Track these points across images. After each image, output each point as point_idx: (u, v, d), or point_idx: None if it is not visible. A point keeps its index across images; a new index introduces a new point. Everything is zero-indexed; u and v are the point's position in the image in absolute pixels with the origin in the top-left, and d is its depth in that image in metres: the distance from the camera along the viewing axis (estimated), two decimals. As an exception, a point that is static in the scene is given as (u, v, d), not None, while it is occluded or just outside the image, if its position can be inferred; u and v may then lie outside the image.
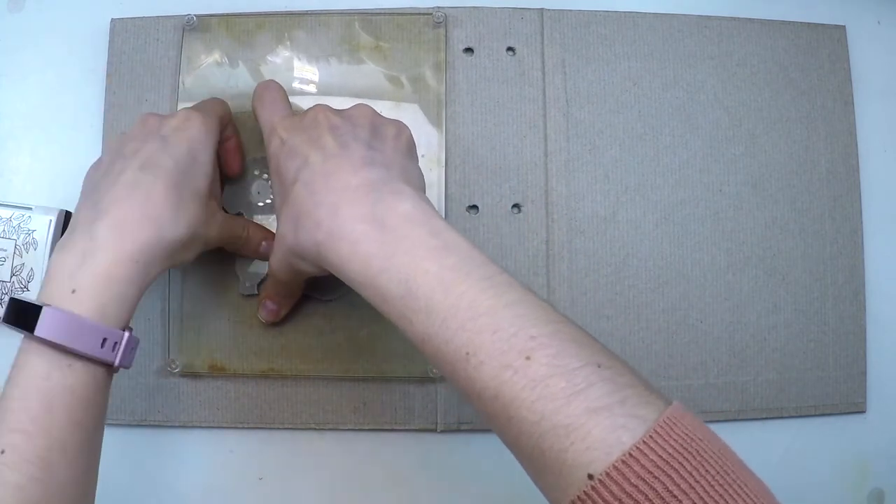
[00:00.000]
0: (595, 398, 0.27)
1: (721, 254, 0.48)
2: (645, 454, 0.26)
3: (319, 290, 0.45)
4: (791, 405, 0.48)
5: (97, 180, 0.37)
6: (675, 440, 0.26)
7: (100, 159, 0.39)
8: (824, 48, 0.50)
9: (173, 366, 0.45)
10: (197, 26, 0.47)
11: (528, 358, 0.28)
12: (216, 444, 0.46)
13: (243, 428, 0.46)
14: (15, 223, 0.45)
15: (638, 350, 0.47)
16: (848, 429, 0.49)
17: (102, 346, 0.33)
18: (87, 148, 0.48)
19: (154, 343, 0.46)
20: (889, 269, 0.50)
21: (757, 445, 0.28)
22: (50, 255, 0.45)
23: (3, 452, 0.31)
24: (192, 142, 0.38)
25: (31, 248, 0.45)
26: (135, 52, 0.48)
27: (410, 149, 0.38)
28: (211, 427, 0.46)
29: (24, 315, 0.33)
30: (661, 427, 0.26)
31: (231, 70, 0.47)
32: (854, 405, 0.48)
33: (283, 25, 0.48)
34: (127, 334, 0.35)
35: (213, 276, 0.46)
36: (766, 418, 0.48)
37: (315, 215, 0.34)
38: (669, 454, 0.26)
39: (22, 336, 0.34)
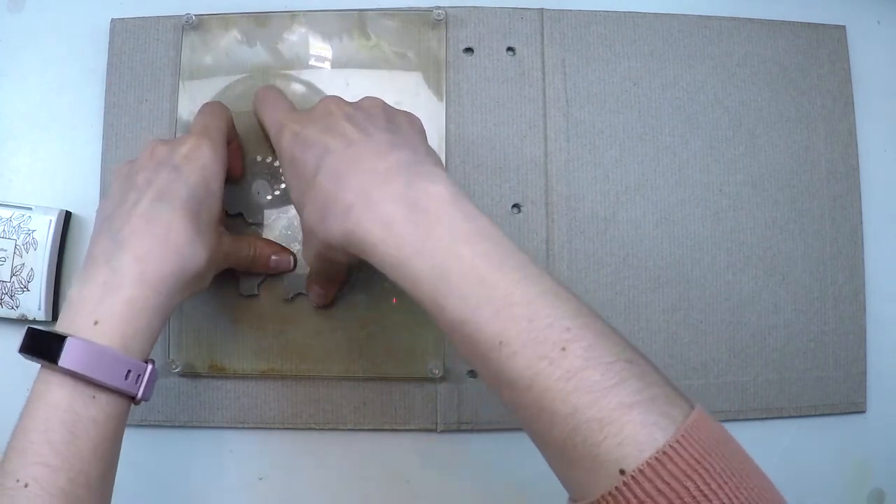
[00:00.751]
0: (628, 394, 0.27)
1: (721, 254, 0.48)
2: (678, 453, 0.26)
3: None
4: (791, 405, 0.48)
5: (111, 212, 0.37)
6: (704, 441, 0.26)
7: (109, 192, 0.39)
8: (824, 48, 0.50)
9: (173, 366, 0.45)
10: (197, 26, 0.47)
11: (563, 349, 0.28)
12: (216, 444, 0.46)
13: (243, 428, 0.46)
14: (15, 223, 0.45)
15: (638, 350, 0.47)
16: (848, 429, 0.49)
17: (126, 377, 0.33)
18: (87, 148, 0.48)
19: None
20: (889, 269, 0.50)
21: (757, 445, 0.28)
22: (48, 259, 0.45)
23: (26, 486, 0.31)
24: (204, 170, 0.38)
25: (31, 248, 0.45)
26: (135, 52, 0.48)
27: (424, 135, 0.38)
28: (211, 427, 0.46)
29: (45, 345, 0.32)
30: (692, 427, 0.27)
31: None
32: (854, 405, 0.48)
33: (283, 25, 0.48)
34: (150, 367, 0.35)
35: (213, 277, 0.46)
36: (766, 418, 0.48)
37: (343, 201, 0.33)
38: (701, 454, 0.26)
39: (40, 367, 0.33)
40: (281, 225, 0.46)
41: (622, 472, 0.26)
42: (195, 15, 0.47)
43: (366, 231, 0.32)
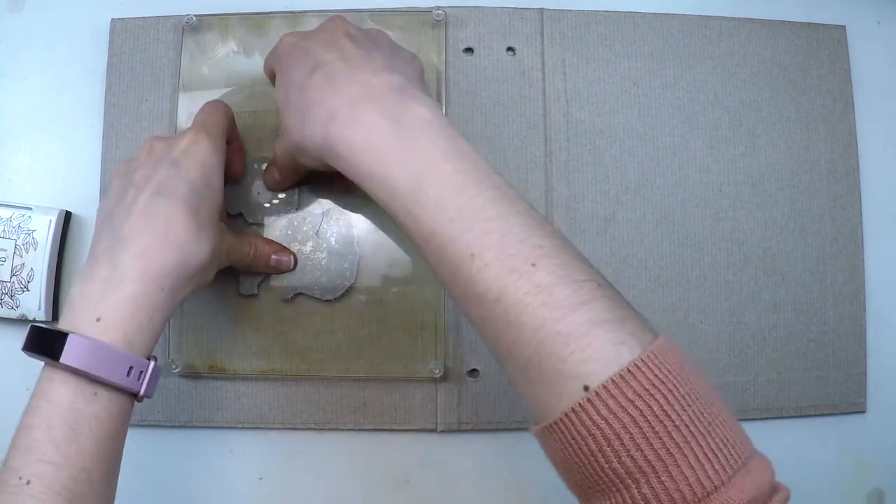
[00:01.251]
0: (597, 312, 0.27)
1: (721, 254, 0.48)
2: (643, 372, 0.26)
3: (320, 290, 0.45)
4: (791, 405, 0.48)
5: (110, 209, 0.37)
6: (670, 364, 0.27)
7: (109, 190, 0.39)
8: (824, 48, 0.50)
9: (173, 366, 0.45)
10: (196, 26, 0.47)
11: (533, 265, 0.28)
12: (216, 444, 0.46)
13: (243, 428, 0.46)
14: (15, 223, 0.45)
15: (638, 350, 0.47)
16: (848, 429, 0.49)
17: (128, 374, 0.33)
18: (87, 148, 0.48)
19: (154, 343, 0.46)
20: (889, 269, 0.50)
21: (757, 445, 0.28)
22: (48, 259, 0.45)
23: (29, 483, 0.31)
24: (203, 165, 0.38)
25: (31, 248, 0.45)
26: (135, 52, 0.48)
27: (422, 73, 0.39)
28: (211, 427, 0.46)
29: (48, 342, 0.32)
30: (658, 349, 0.27)
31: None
32: (854, 405, 0.48)
33: (282, 25, 0.48)
34: (153, 363, 0.35)
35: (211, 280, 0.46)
36: (766, 418, 0.48)
37: (330, 105, 0.33)
38: (665, 375, 0.26)
39: (43, 364, 0.33)
40: (281, 225, 0.46)
41: (586, 388, 0.26)
42: (195, 15, 0.47)
43: (347, 138, 0.33)
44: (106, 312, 0.33)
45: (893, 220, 0.50)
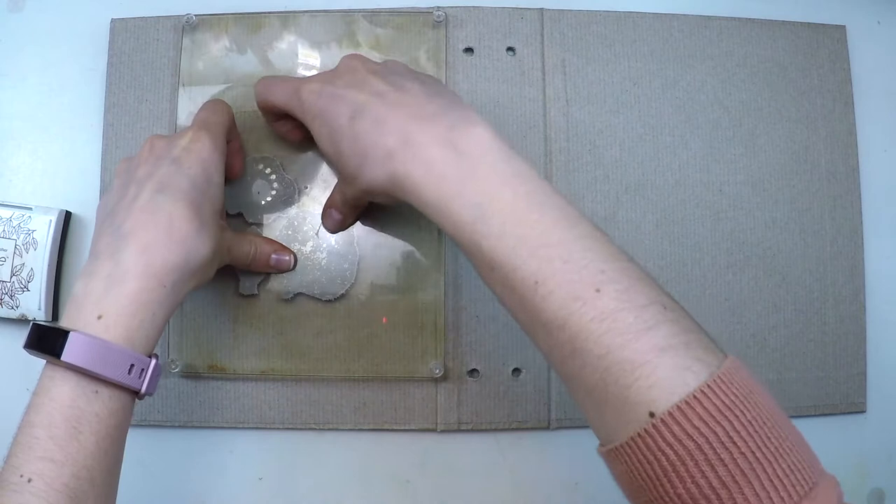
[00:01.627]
0: (662, 337, 0.27)
1: (721, 254, 0.48)
2: (708, 398, 0.26)
3: (320, 290, 0.45)
4: (791, 405, 0.48)
5: (112, 206, 0.37)
6: (737, 388, 0.26)
7: (109, 188, 0.39)
8: (824, 48, 0.50)
9: (173, 366, 0.45)
10: (197, 26, 0.47)
11: (597, 290, 0.28)
12: (216, 444, 0.46)
13: (243, 428, 0.46)
14: (15, 223, 0.45)
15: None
16: (848, 429, 0.49)
17: (130, 372, 0.33)
18: (87, 148, 0.48)
19: (154, 343, 0.46)
20: (889, 269, 0.50)
21: (757, 445, 0.29)
22: (48, 259, 0.45)
23: (30, 481, 0.30)
24: (204, 162, 0.38)
25: (31, 248, 0.45)
26: (135, 52, 0.48)
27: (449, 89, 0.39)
28: (211, 427, 0.46)
29: (49, 340, 0.32)
30: (724, 374, 0.27)
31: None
32: (854, 405, 0.48)
33: (273, 34, 0.48)
34: (154, 361, 0.35)
35: (212, 277, 0.46)
36: (766, 418, 0.48)
37: (385, 146, 0.34)
38: (731, 400, 0.26)
39: (44, 362, 0.33)
40: (281, 225, 0.46)
41: (651, 414, 0.26)
42: (195, 15, 0.47)
43: (409, 173, 0.33)
44: (107, 309, 0.33)
45: (893, 220, 0.50)
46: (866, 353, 0.49)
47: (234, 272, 0.45)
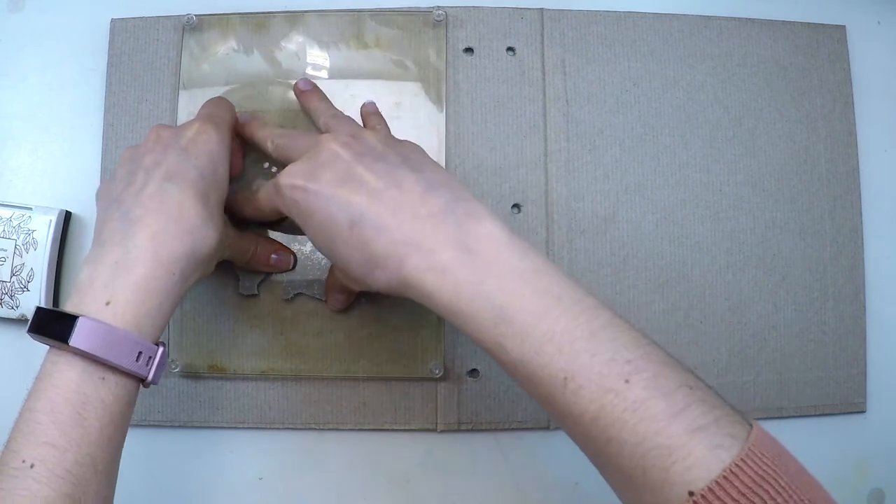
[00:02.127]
0: (693, 419, 0.28)
1: (721, 254, 0.48)
2: (743, 471, 0.26)
3: (320, 290, 0.45)
4: (791, 405, 0.48)
5: (119, 192, 0.36)
6: (768, 458, 0.27)
7: (114, 175, 0.39)
8: (824, 48, 0.50)
9: (173, 366, 0.45)
10: (197, 26, 0.47)
11: (627, 381, 0.28)
12: (216, 444, 0.46)
13: (243, 428, 0.46)
14: (15, 223, 0.45)
15: (638, 350, 0.47)
16: (848, 429, 0.49)
17: (138, 359, 0.33)
18: (87, 148, 0.48)
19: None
20: (889, 269, 0.50)
21: (757, 445, 0.29)
22: (48, 259, 0.45)
23: (32, 466, 0.30)
24: (211, 154, 0.38)
25: (31, 248, 0.45)
26: (135, 52, 0.48)
27: (433, 160, 0.37)
28: (211, 427, 0.46)
29: (56, 325, 0.32)
30: (754, 445, 0.27)
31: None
32: (854, 405, 0.48)
33: (280, 33, 0.47)
34: (161, 349, 0.35)
35: (212, 276, 0.46)
36: (766, 418, 0.48)
37: (394, 254, 0.32)
38: (765, 471, 0.27)
39: (48, 347, 0.33)
40: (281, 225, 0.46)
41: (691, 493, 0.26)
42: (196, 15, 0.47)
43: (422, 280, 0.32)
44: (116, 296, 0.33)
45: (893, 220, 0.50)
46: (866, 353, 0.49)
47: (233, 272, 0.45)
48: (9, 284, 0.45)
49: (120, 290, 0.33)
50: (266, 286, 0.46)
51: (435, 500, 0.47)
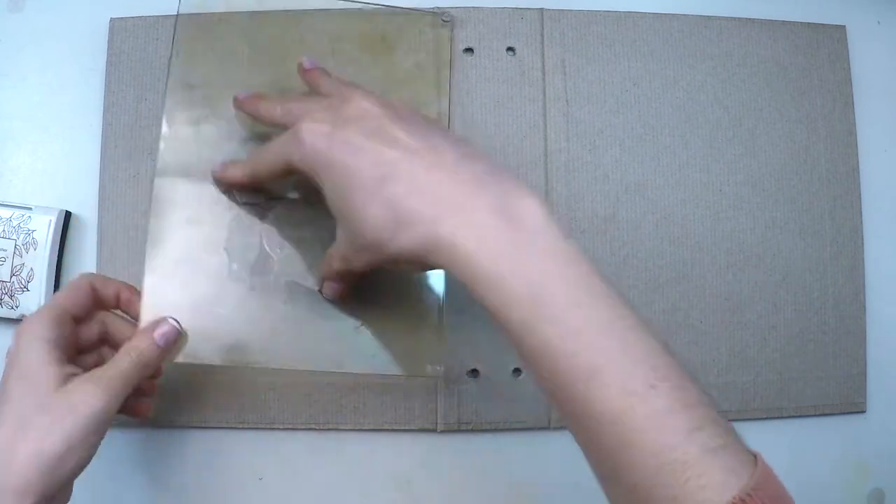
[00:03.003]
0: (709, 438, 0.27)
1: (721, 254, 0.48)
2: (753, 499, 0.26)
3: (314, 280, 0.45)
4: (791, 405, 0.48)
5: None
6: (772, 488, 0.27)
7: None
8: (824, 48, 0.50)
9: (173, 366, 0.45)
10: (199, 26, 0.47)
11: (652, 387, 0.27)
12: (216, 444, 0.46)
13: (243, 428, 0.46)
14: (15, 223, 0.45)
15: (638, 350, 0.47)
16: (848, 429, 0.49)
17: None
18: (87, 148, 0.48)
19: (154, 343, 0.46)
20: (889, 269, 0.50)
21: (757, 445, 0.28)
22: (48, 259, 0.45)
23: None
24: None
25: (31, 248, 0.45)
26: (134, 52, 0.48)
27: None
28: (211, 427, 0.46)
29: None
30: (763, 475, 0.27)
31: (246, 57, 0.47)
32: (854, 405, 0.48)
33: (283, 25, 0.47)
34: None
35: (213, 276, 0.46)
36: (766, 418, 0.48)
37: (430, 213, 0.30)
38: (772, 499, 0.26)
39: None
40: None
41: None
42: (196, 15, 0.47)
43: (456, 244, 0.30)
44: None
45: (893, 220, 0.50)
46: (866, 353, 0.49)
47: (227, 257, 0.44)
48: (9, 284, 0.45)
49: None
50: (265, 286, 0.45)
51: (435, 500, 0.47)
